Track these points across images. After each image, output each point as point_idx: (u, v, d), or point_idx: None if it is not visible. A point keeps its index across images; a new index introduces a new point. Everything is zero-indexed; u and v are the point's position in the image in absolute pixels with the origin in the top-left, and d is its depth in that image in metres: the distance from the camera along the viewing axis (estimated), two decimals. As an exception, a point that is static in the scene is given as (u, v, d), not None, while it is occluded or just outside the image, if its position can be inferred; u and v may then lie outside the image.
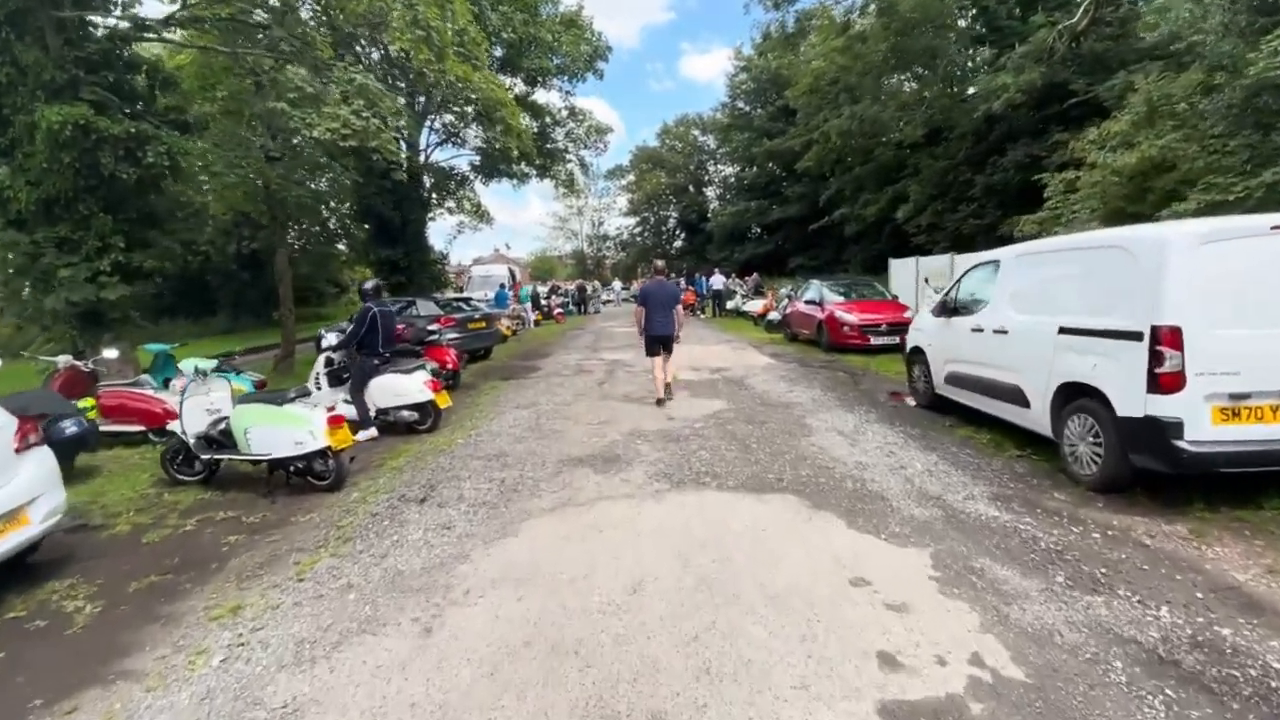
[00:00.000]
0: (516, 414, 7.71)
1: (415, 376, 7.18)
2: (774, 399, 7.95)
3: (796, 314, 14.19)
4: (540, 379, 10.53)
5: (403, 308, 12.94)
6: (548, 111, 19.02)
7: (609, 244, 63.57)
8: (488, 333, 13.25)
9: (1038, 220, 11.28)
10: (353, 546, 4.03)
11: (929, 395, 7.21)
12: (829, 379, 9.43)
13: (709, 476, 4.94)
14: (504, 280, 24.10)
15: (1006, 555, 3.55)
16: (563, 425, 6.97)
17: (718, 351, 13.22)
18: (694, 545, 3.71)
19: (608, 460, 5.51)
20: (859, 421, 6.63)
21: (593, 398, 8.60)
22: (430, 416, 7.21)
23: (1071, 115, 17.41)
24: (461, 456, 5.90)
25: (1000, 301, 5.69)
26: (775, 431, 6.28)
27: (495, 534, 4.07)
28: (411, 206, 18.73)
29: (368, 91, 7.68)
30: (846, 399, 7.87)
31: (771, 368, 10.71)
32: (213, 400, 5.72)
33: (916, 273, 16.17)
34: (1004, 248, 5.98)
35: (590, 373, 11.02)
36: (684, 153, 52.15)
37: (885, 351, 11.71)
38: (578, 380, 10.18)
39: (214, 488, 5.45)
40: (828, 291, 13.11)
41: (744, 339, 15.75)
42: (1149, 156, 9.01)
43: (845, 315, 11.99)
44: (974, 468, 5.04)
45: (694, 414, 7.22)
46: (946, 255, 15.14)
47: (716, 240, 45.81)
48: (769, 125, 39.89)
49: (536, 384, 10.01)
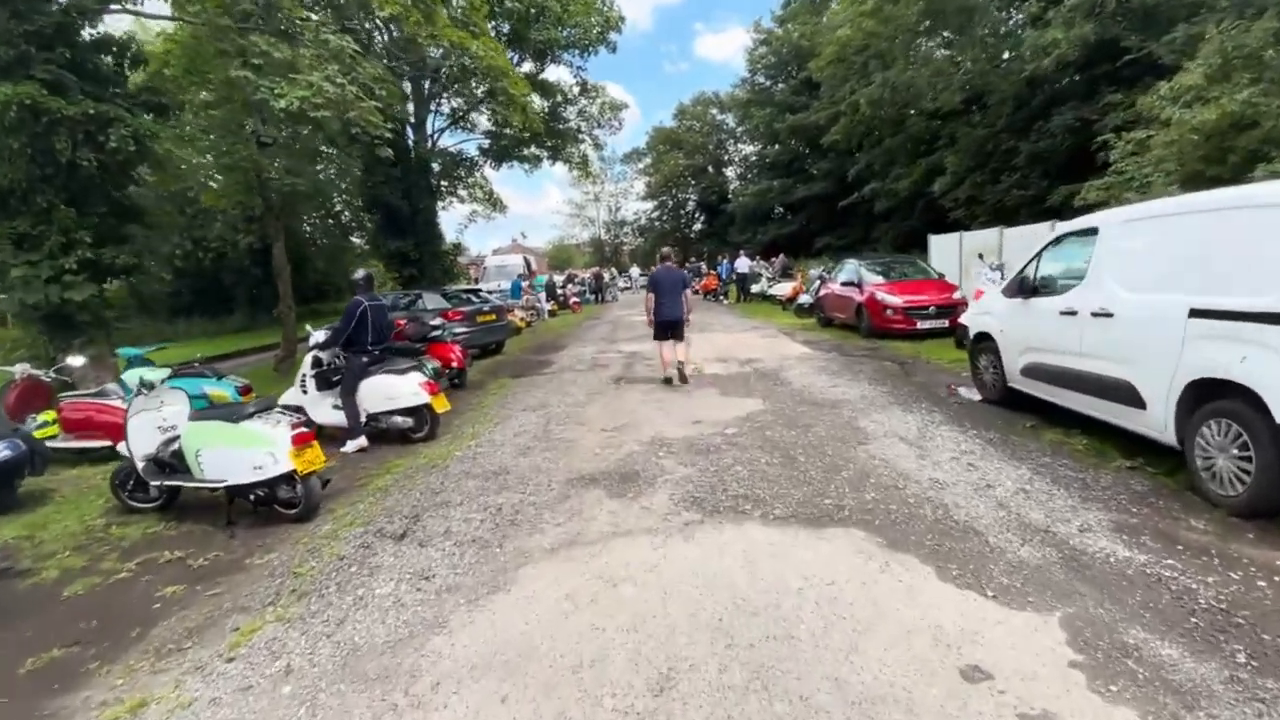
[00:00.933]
0: (524, 418, 6.86)
1: (409, 378, 6.37)
2: (817, 396, 6.98)
3: (831, 297, 13.10)
4: (552, 375, 9.68)
5: (410, 301, 12.22)
6: (558, 89, 18.04)
7: (627, 230, 62.47)
8: (498, 326, 12.44)
9: (1103, 186, 10.03)
10: (307, 605, 3.21)
11: (999, 389, 6.18)
12: (876, 370, 8.41)
13: (750, 502, 4.02)
14: (520, 270, 23.31)
15: (1161, 621, 2.59)
16: (574, 432, 6.10)
17: (746, 340, 12.23)
18: (739, 611, 2.80)
19: (624, 478, 4.63)
20: (922, 424, 5.63)
21: (608, 397, 7.72)
22: (426, 423, 6.40)
23: (1123, 75, 15.98)
24: (456, 474, 5.06)
25: (1100, 278, 4.63)
26: (824, 439, 5.33)
27: (483, 587, 3.21)
28: (420, 195, 17.97)
29: (344, 55, 6.81)
30: (901, 395, 6.86)
31: (808, 358, 9.71)
32: (165, 416, 4.95)
33: (960, 248, 14.92)
34: (1101, 212, 4.92)
35: (606, 367, 10.14)
36: (702, 132, 50.65)
37: (933, 336, 10.63)
38: (592, 376, 9.31)
39: (171, 517, 4.70)
40: (866, 271, 12.00)
41: (773, 325, 14.71)
42: (1231, 112, 7.76)
43: (888, 297, 10.89)
44: (1079, 485, 4.04)
45: (725, 416, 6.29)
46: (994, 229, 13.87)
47: (738, 222, 44.44)
48: (791, 100, 38.33)
49: (548, 381, 9.15)
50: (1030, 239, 12.33)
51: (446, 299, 11.84)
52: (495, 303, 12.85)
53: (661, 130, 53.03)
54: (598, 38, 16.74)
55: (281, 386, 8.83)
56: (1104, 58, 16.02)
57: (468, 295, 12.81)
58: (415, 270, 18.55)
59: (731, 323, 15.76)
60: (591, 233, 64.80)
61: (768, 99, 40.87)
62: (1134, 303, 4.25)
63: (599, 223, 64.08)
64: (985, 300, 6.73)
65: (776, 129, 38.21)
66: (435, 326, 9.17)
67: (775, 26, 40.78)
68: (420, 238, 18.40)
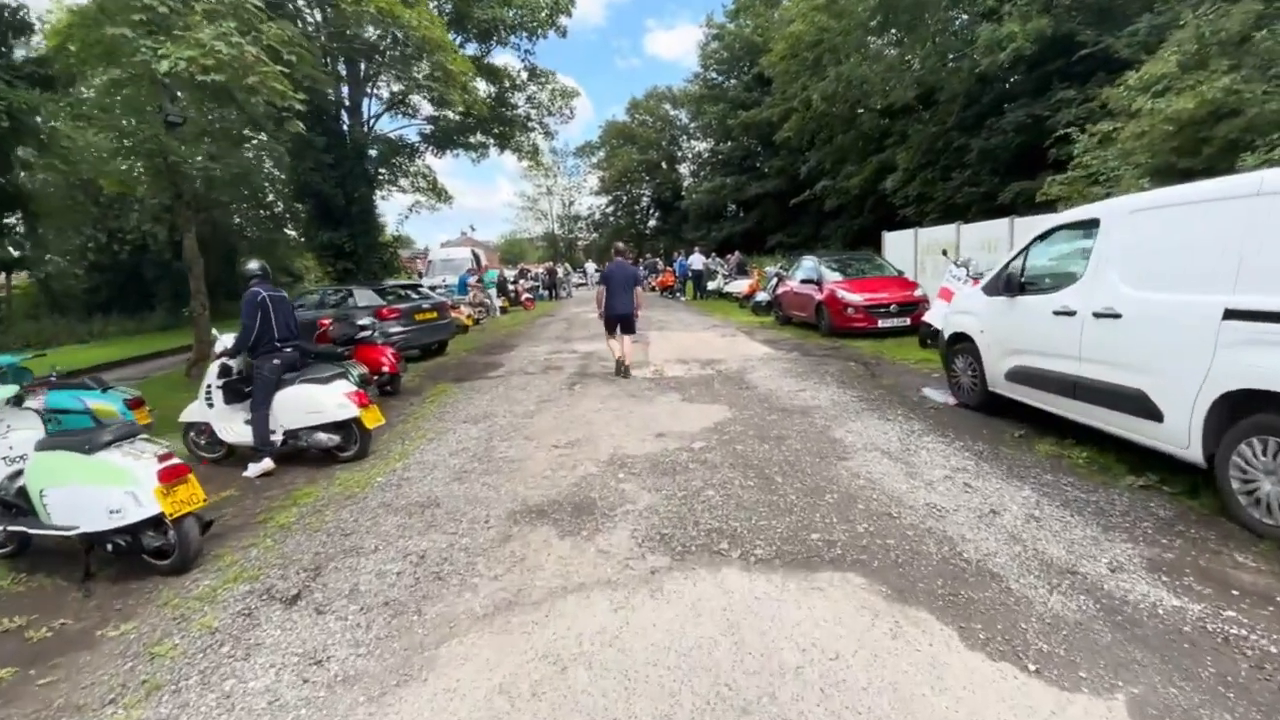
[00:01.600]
0: (463, 432, 6.06)
1: (334, 387, 5.48)
2: (785, 401, 6.44)
3: (790, 295, 12.70)
4: (500, 380, 8.87)
5: (339, 298, 11.15)
6: (505, 74, 17.03)
7: (581, 225, 61.42)
8: (440, 325, 11.49)
9: (1065, 181, 9.88)
10: (156, 707, 2.40)
11: (979, 394, 5.78)
12: (841, 371, 7.95)
13: (727, 539, 3.39)
14: (468, 264, 22.19)
15: (1250, 702, 2.08)
16: (521, 449, 5.35)
17: (706, 339, 11.68)
18: (727, 706, 2.16)
19: (578, 509, 3.93)
20: (902, 434, 5.14)
21: (561, 404, 6.99)
22: (355, 440, 5.53)
23: (1075, 71, 16.18)
24: (374, 508, 4.25)
25: (1104, 274, 4.21)
26: (800, 453, 4.76)
27: (392, 675, 2.47)
28: (355, 183, 16.70)
29: (242, 9, 5.83)
30: (873, 400, 6.39)
31: (771, 359, 9.20)
32: (12, 445, 4.00)
33: (916, 245, 14.79)
34: (1103, 202, 4.51)
35: (560, 369, 9.39)
36: (655, 128, 50.13)
37: (895, 335, 10.33)
38: (544, 381, 8.55)
39: (22, 568, 3.74)
40: (825, 269, 11.62)
41: (731, 323, 14.23)
42: (1210, 100, 7.64)
43: (848, 295, 10.52)
44: (1094, 510, 3.58)
45: (690, 426, 5.67)
46: (950, 225, 13.75)
47: (692, 219, 44.18)
48: (744, 96, 38.25)
49: (494, 387, 8.34)
50: (987, 235, 12.24)
51: (381, 295, 10.82)
52: (436, 299, 11.89)
53: (615, 124, 52.27)
54: (546, 20, 15.85)
55: (193, 394, 7.79)
56: (1056, 54, 16.18)
57: (405, 291, 11.81)
58: (351, 264, 17.27)
59: (690, 320, 15.22)
60: (545, 227, 63.50)
61: (720, 95, 40.67)
62: (1147, 302, 3.82)
63: (552, 217, 62.84)
64: (962, 298, 6.32)
65: (729, 125, 38.04)
66: (363, 327, 8.21)
67: (728, 21, 40.59)
68: (356, 229, 17.13)
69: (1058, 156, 15.28)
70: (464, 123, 17.06)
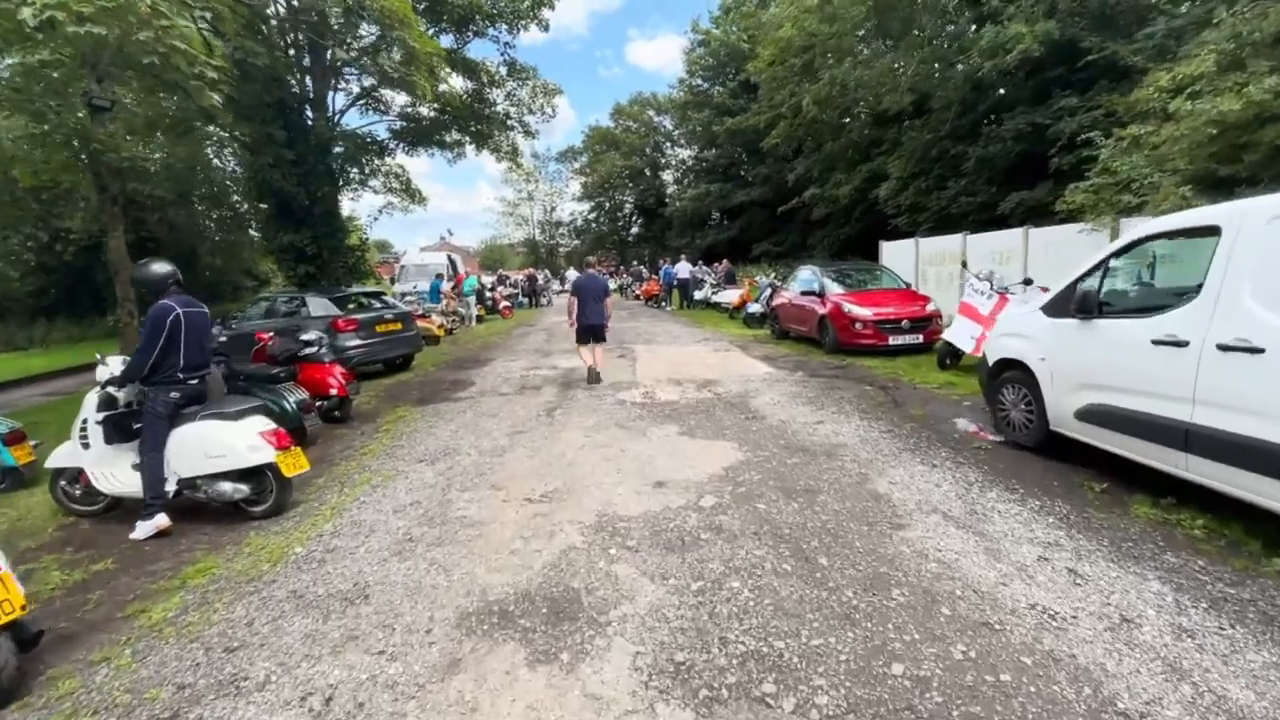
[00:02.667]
0: (417, 477, 4.96)
1: (244, 426, 4.37)
2: (804, 437, 5.46)
3: (788, 307, 11.79)
4: (469, 402, 7.77)
5: (291, 307, 9.95)
6: (484, 70, 15.96)
7: (563, 230, 60.34)
8: (404, 337, 10.34)
9: (1091, 189, 9.11)
10: None
11: (1036, 432, 4.87)
12: (859, 398, 7.02)
13: (771, 673, 2.36)
14: (443, 270, 20.98)
15: None
16: (484, 505, 4.27)
17: (698, 355, 10.69)
18: None
19: (556, 610, 2.88)
20: (957, 486, 4.19)
21: (539, 436, 5.93)
22: (270, 491, 4.41)
23: (1076, 79, 15.67)
24: (281, 599, 3.15)
25: (1230, 296, 3.30)
26: (841, 516, 3.77)
27: None
28: (319, 181, 15.45)
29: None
30: (905, 435, 5.45)
31: (775, 380, 8.24)
32: None
33: (917, 255, 14.04)
34: (1221, 207, 3.61)
35: (538, 389, 8.32)
36: (639, 134, 49.35)
37: (905, 353, 9.45)
38: (520, 403, 7.48)
39: None
40: (828, 280, 10.72)
41: (724, 336, 13.28)
42: (1257, 101, 6.91)
43: (856, 309, 9.61)
44: (1257, 615, 2.63)
45: (696, 472, 4.65)
46: (955, 235, 13.01)
47: (676, 226, 43.44)
48: (730, 103, 37.71)
49: (462, 412, 7.24)
50: (998, 246, 11.48)
51: (337, 304, 9.66)
52: (402, 308, 10.75)
53: (598, 130, 51.39)
54: (528, 11, 14.83)
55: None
56: (1056, 61, 15.70)
57: (366, 300, 10.65)
58: (313, 268, 15.95)
59: (679, 333, 14.23)
60: (526, 232, 62.24)
61: (706, 101, 40.06)
62: (1305, 335, 2.91)
63: (533, 222, 61.65)
64: (1013, 319, 5.41)
65: (715, 131, 37.37)
66: (308, 342, 7.08)
67: (713, 27, 40.02)
68: (319, 230, 15.83)
69: (1059, 166, 14.78)
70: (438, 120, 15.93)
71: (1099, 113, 13.70)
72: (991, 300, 7.84)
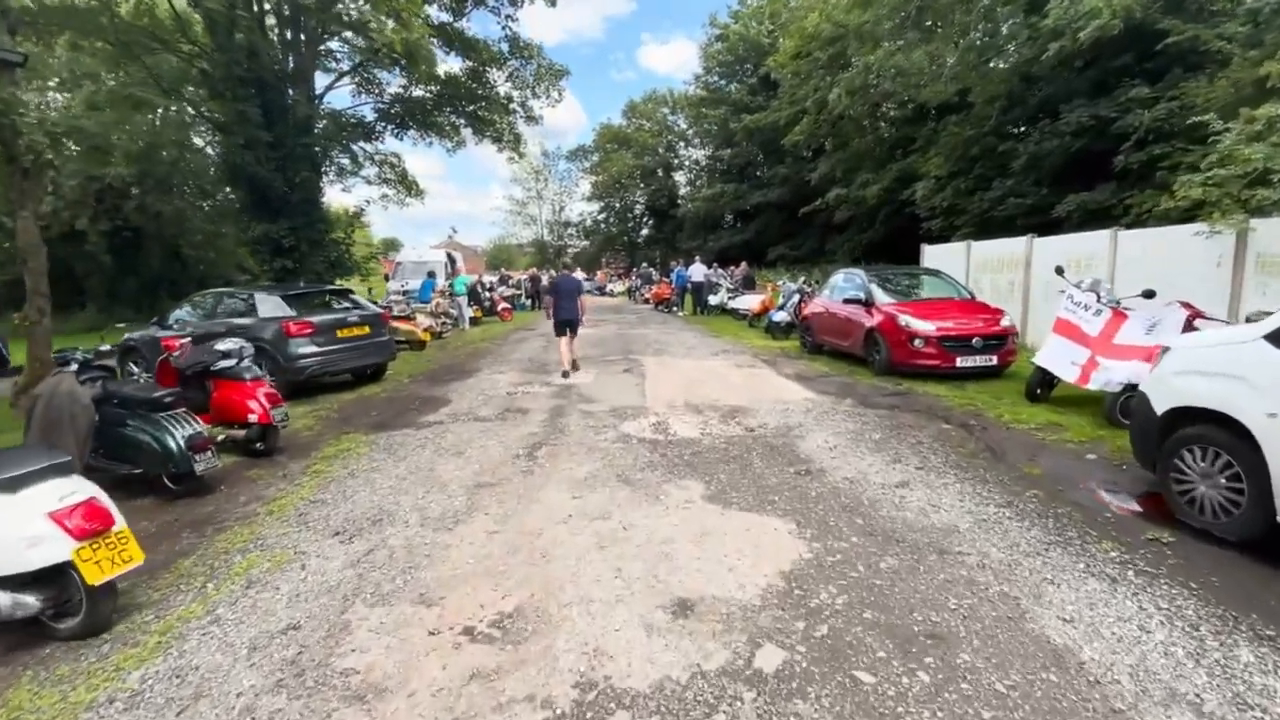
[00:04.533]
0: (314, 571, 3.30)
1: (24, 502, 2.76)
2: (891, 513, 3.77)
3: (824, 317, 10.10)
4: (433, 432, 6.13)
5: (244, 306, 8.35)
6: (481, 47, 14.37)
7: (571, 231, 58.80)
8: (374, 343, 8.72)
9: (1210, 181, 7.34)
10: None
11: (1248, 522, 3.20)
12: (939, 441, 5.32)
13: None
14: (438, 267, 19.43)
15: None
16: (394, 645, 2.60)
17: (719, 372, 9.01)
18: None
19: None
20: (1175, 631, 2.50)
21: (509, 497, 4.27)
22: (78, 599, 2.79)
23: (1143, 68, 14.00)
24: None
25: None
26: (1019, 707, 2.10)
27: None
28: (298, 166, 13.93)
29: None
30: (1032, 511, 3.75)
31: (820, 409, 6.56)
32: None
33: (968, 261, 12.32)
34: None
35: (524, 415, 6.69)
36: (652, 132, 47.76)
37: (974, 377, 7.76)
38: (497, 436, 5.84)
39: None
40: (877, 287, 9.01)
41: (745, 348, 11.60)
42: None
43: (916, 323, 7.91)
44: None
45: (741, 585, 2.95)
46: (1019, 238, 11.30)
47: (687, 228, 41.83)
48: (748, 99, 36.10)
49: (420, 447, 5.60)
50: (1075, 250, 9.71)
51: (290, 303, 8.06)
52: (371, 310, 9.12)
53: (610, 128, 49.92)
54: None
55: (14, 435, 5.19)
56: (1121, 48, 14.02)
57: (329, 298, 9.05)
58: (290, 262, 14.43)
59: (694, 343, 12.55)
60: (534, 233, 60.78)
61: (722, 98, 38.48)
62: None
63: (541, 222, 60.19)
64: (1204, 350, 3.69)
65: (732, 130, 35.77)
66: (225, 353, 5.47)
67: (732, 22, 38.42)
68: (297, 221, 14.31)
69: (1126, 165, 13.05)
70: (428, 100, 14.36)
71: (1175, 104, 12.04)
72: (1101, 317, 6.14)
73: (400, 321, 12.96)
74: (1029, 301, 10.60)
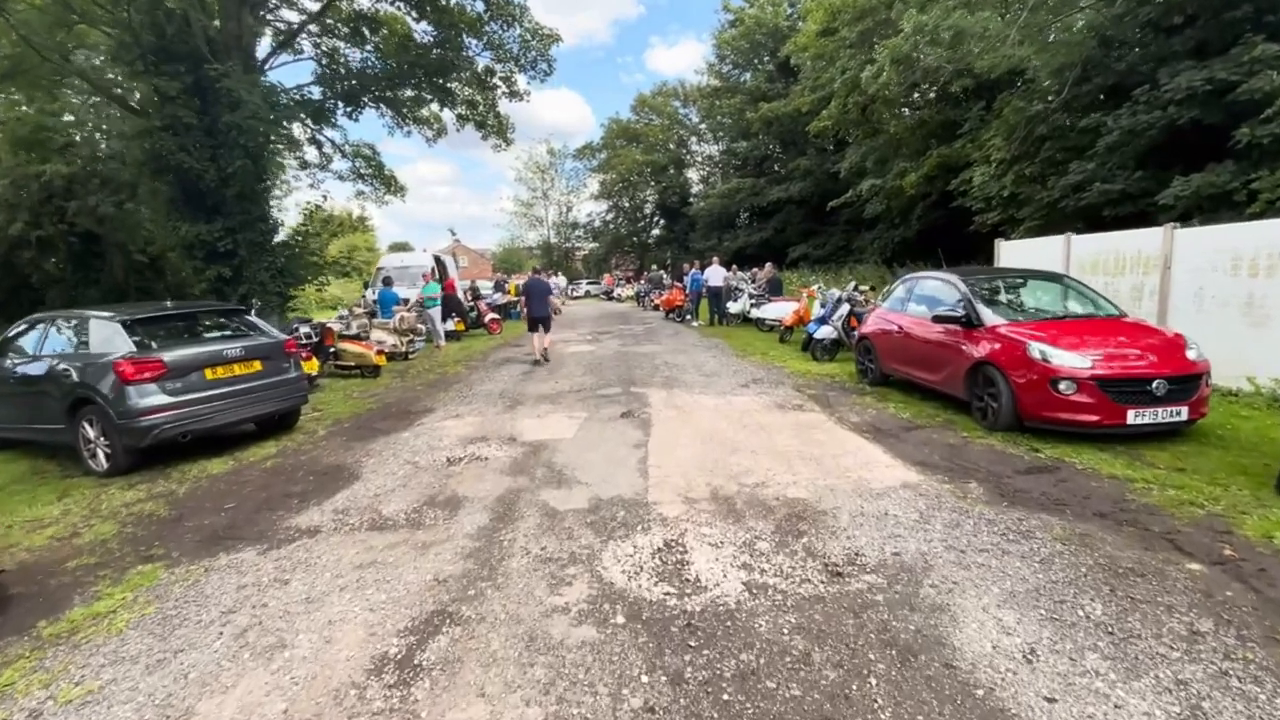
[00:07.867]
0: None
1: None
2: None
3: (899, 338, 7.41)
4: (279, 566, 3.56)
5: (72, 337, 5.86)
6: (454, 9, 11.82)
7: (579, 232, 56.44)
8: (267, 386, 6.16)
9: None
10: None
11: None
12: (1201, 609, 2.64)
13: None
14: (425, 273, 16.95)
15: None
16: None
17: (756, 419, 6.32)
18: None
19: None
20: None
21: None
22: None
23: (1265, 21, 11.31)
24: None
25: None
26: None
27: None
28: (232, 154, 11.47)
29: None
30: None
31: (941, 510, 3.87)
32: None
33: (1067, 260, 9.54)
34: None
35: (451, 517, 4.09)
36: (663, 126, 45.19)
37: (1151, 437, 5.06)
38: (372, 594, 3.25)
39: None
40: (982, 302, 6.28)
41: (782, 375, 8.92)
42: None
43: (1059, 356, 5.18)
44: None
45: None
46: (1133, 231, 8.55)
47: (700, 227, 39.22)
48: (765, 87, 33.44)
49: (223, 620, 3.03)
50: (1235, 245, 7.01)
51: (133, 330, 5.54)
52: (267, 340, 6.53)
53: (618, 123, 47.37)
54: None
55: None
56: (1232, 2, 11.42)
57: (199, 319, 6.53)
58: (228, 269, 11.99)
59: (714, 366, 9.88)
60: (540, 234, 58.52)
61: (737, 87, 35.89)
62: None
63: (548, 223, 57.87)
64: None
65: (748, 120, 33.09)
66: None
67: (747, 5, 35.77)
68: (234, 220, 11.88)
69: (1253, 138, 10.31)
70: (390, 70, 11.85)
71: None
72: None
73: (349, 342, 10.46)
74: (1167, 312, 7.83)
